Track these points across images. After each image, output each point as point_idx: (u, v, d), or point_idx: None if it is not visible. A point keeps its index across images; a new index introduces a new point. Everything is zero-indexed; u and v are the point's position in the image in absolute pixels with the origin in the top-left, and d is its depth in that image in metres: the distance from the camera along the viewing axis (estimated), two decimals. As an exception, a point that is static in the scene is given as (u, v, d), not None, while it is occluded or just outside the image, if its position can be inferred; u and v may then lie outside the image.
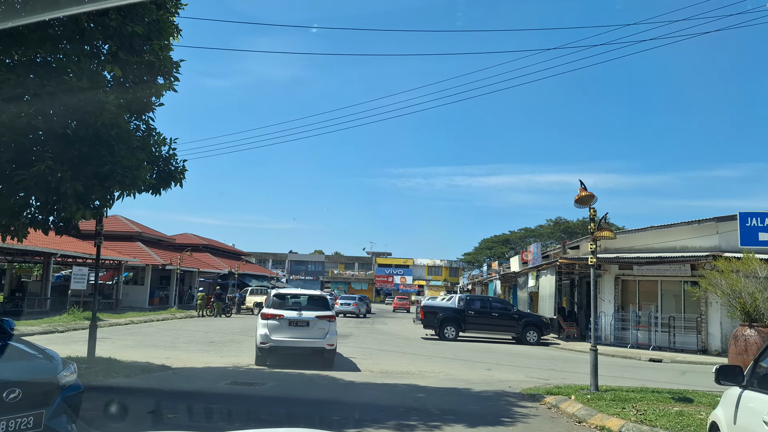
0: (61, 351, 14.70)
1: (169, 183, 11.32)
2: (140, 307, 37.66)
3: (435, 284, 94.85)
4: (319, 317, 14.15)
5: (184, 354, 15.66)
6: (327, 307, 14.91)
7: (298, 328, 14.01)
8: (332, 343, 14.17)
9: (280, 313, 14.06)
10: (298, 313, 14.19)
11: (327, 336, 14.03)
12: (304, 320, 14.05)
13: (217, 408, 8.43)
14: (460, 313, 24.23)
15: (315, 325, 14.06)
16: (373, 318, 41.98)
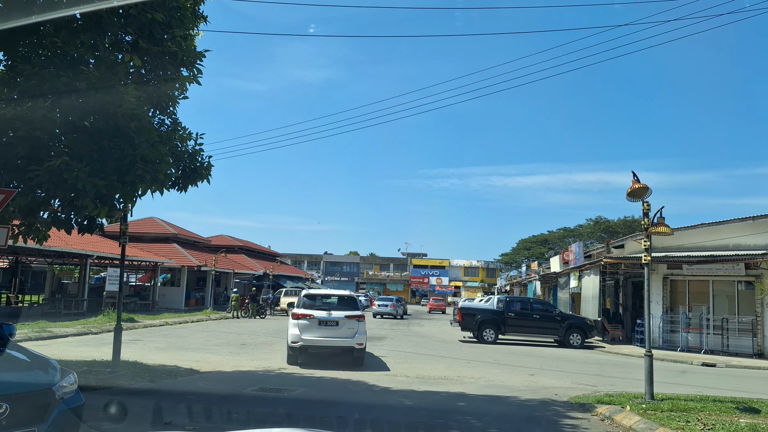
0: (91, 353, 14.44)
1: (195, 179, 10.84)
2: (176, 308, 37.73)
3: (472, 285, 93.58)
4: (348, 317, 14.39)
5: (214, 357, 15.22)
6: (356, 307, 15.10)
7: (327, 328, 14.29)
8: (361, 343, 14.37)
9: (311, 313, 14.34)
10: (328, 313, 14.46)
11: (356, 335, 14.28)
12: (334, 320, 14.33)
13: (239, 417, 7.85)
14: (499, 314, 23.34)
15: (344, 325, 14.32)
16: (408, 320, 41.26)
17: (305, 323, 14.24)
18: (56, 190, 8.10)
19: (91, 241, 30.48)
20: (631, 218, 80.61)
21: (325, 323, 14.29)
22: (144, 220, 44.04)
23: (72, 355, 14.39)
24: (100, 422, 7.22)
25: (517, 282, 58.03)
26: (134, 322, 24.96)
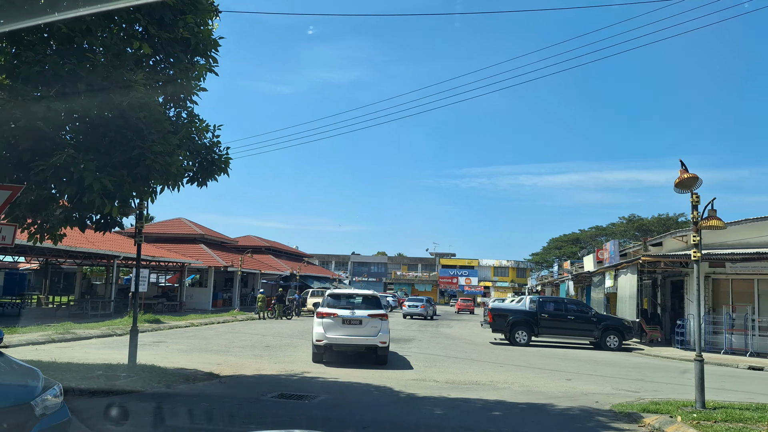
0: (112, 356, 14.07)
1: (212, 173, 10.32)
2: (203, 309, 37.60)
3: (501, 285, 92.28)
4: (371, 316, 14.72)
5: (236, 359, 14.73)
6: (379, 306, 15.45)
7: (351, 326, 14.61)
8: (385, 341, 14.67)
9: (334, 312, 14.69)
10: (351, 312, 14.79)
11: (379, 334, 14.59)
12: (357, 318, 14.67)
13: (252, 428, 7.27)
14: (532, 315, 22.47)
15: (367, 324, 14.64)
16: (437, 320, 40.50)
17: (329, 322, 14.56)
18: (62, 186, 7.64)
19: (118, 242, 30.44)
20: (665, 216, 78.56)
21: (348, 322, 14.61)
22: (171, 221, 44.11)
23: (92, 358, 14.05)
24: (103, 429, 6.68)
25: (548, 282, 56.79)
26: (160, 323, 24.72)
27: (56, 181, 7.43)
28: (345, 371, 13.47)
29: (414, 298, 43.23)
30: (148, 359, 14.03)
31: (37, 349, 15.54)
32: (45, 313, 28.47)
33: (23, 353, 14.40)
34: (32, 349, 15.31)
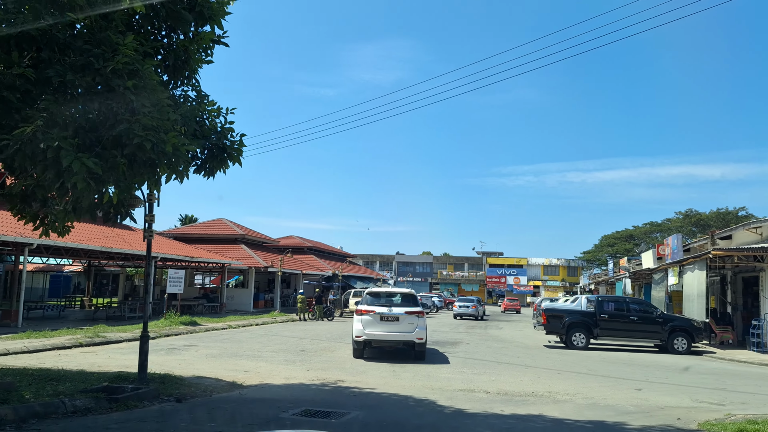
0: (135, 362, 13.07)
1: (223, 161, 9.02)
2: (244, 310, 36.85)
3: (552, 285, 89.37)
4: (408, 313, 15.23)
5: (266, 366, 13.51)
6: (416, 303, 15.86)
7: (389, 323, 15.20)
8: (421, 337, 15.13)
9: (373, 309, 15.33)
10: (389, 309, 15.37)
11: (416, 330, 15.11)
12: (394, 315, 15.23)
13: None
14: (590, 316, 20.58)
15: (404, 320, 15.18)
16: (486, 321, 38.70)
17: (368, 319, 15.24)
18: (34, 167, 6.47)
19: (156, 243, 29.82)
20: (724, 210, 74.56)
21: (386, 318, 15.22)
22: (212, 222, 43.65)
23: (113, 365, 13.07)
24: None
25: (603, 280, 54.10)
26: (196, 325, 23.87)
27: (25, 159, 6.24)
28: (384, 379, 12.08)
29: (464, 299, 42.37)
30: (172, 365, 13.01)
31: (59, 354, 14.70)
32: (84, 315, 28.08)
33: (42, 359, 13.55)
34: (54, 355, 14.47)
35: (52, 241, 21.15)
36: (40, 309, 27.23)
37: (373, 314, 15.26)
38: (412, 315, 15.25)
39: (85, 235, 24.30)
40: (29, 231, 21.66)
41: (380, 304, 15.64)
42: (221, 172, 9.13)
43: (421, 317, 15.36)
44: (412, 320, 15.20)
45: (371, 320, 15.23)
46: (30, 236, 20.45)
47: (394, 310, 15.41)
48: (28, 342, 15.82)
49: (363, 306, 15.61)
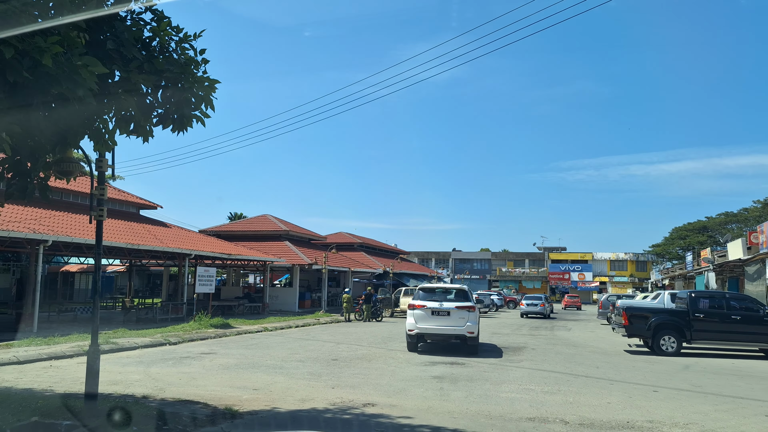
0: (131, 376, 10.74)
1: (188, 106, 6.48)
2: (289, 310, 34.71)
3: (619, 281, 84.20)
4: (458, 307, 15.62)
5: (283, 382, 10.95)
6: (467, 298, 16.16)
7: (440, 317, 15.66)
8: (472, 331, 15.49)
9: (424, 304, 15.83)
10: (440, 304, 15.85)
11: (467, 324, 15.44)
12: (445, 310, 15.67)
13: None
14: (681, 316, 17.11)
15: (455, 315, 15.57)
16: (552, 321, 35.19)
17: (420, 313, 15.75)
18: None
19: (191, 239, 27.93)
20: (806, 198, 68.24)
21: (437, 313, 15.68)
22: (257, 218, 41.86)
23: (103, 378, 10.80)
24: None
25: (679, 274, 49.45)
26: (228, 328, 21.67)
27: None
28: (426, 401, 9.31)
29: (532, 296, 40.49)
30: (169, 381, 10.66)
31: (51, 365, 12.61)
32: (118, 317, 26.43)
33: (21, 372, 11.43)
34: (43, 367, 12.37)
35: (67, 237, 19.34)
36: (72, 311, 25.74)
37: (425, 309, 15.77)
38: (463, 310, 15.60)
39: (110, 232, 22.49)
40: (45, 227, 19.99)
41: (432, 299, 16.12)
42: (189, 126, 6.63)
43: (472, 312, 15.64)
44: (463, 315, 15.55)
45: (423, 315, 15.75)
46: (45, 232, 18.65)
47: (444, 304, 15.85)
48: (25, 351, 13.84)
49: (415, 301, 16.20)
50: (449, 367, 13.25)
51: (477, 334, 15.77)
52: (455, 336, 15.71)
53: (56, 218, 20.92)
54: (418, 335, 15.83)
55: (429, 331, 15.69)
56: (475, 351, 15.82)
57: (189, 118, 6.59)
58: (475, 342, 15.74)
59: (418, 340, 16.04)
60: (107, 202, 26.18)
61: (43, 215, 20.50)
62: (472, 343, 15.68)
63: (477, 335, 15.78)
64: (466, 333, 15.44)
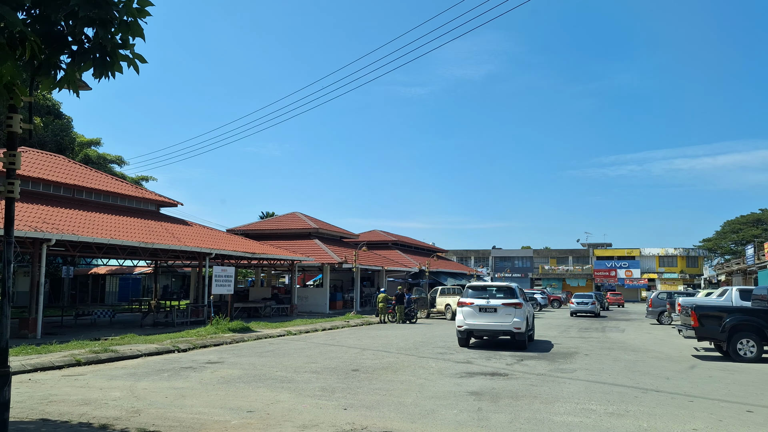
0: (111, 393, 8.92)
1: (107, 51, 4.68)
2: (320, 312, 33.00)
3: (669, 277, 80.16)
4: (505, 304, 16.16)
5: (287, 400, 9.09)
6: (514, 296, 16.56)
7: (487, 314, 16.31)
8: (519, 327, 15.95)
9: (472, 301, 16.58)
10: (487, 301, 16.46)
11: (514, 320, 15.95)
12: (492, 306, 16.28)
13: None
14: (762, 315, 14.55)
15: (502, 311, 16.13)
16: (602, 322, 32.57)
17: (469, 310, 16.57)
18: None
19: (212, 238, 26.44)
20: None
21: (484, 310, 16.39)
22: (286, 216, 40.37)
23: (77, 397, 9.19)
24: None
25: (737, 269, 45.96)
26: (248, 332, 20.02)
27: None
28: (460, 427, 7.31)
29: (582, 295, 39.53)
30: (150, 401, 8.94)
31: (30, 378, 11.03)
32: (134, 320, 25.12)
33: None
34: (22, 380, 10.79)
35: (73, 236, 17.92)
36: (89, 315, 24.51)
37: (473, 306, 16.55)
38: (510, 306, 16.16)
39: (124, 230, 21.08)
40: (49, 226, 18.65)
41: (480, 297, 16.79)
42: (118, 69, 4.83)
43: (518, 309, 16.18)
44: (510, 311, 16.12)
45: (471, 311, 16.55)
46: (46, 230, 17.28)
47: (492, 302, 16.47)
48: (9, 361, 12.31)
49: (464, 299, 17.00)
50: (489, 380, 11.19)
51: (524, 330, 16.20)
52: (502, 331, 16.34)
53: (62, 216, 19.58)
54: (467, 331, 16.64)
55: (477, 327, 16.42)
56: (524, 346, 16.53)
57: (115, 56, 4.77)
58: (522, 337, 16.25)
59: (468, 335, 16.88)
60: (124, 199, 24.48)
61: (49, 213, 19.19)
62: (519, 338, 16.31)
63: (524, 331, 16.20)
64: (513, 328, 16.01)
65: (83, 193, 22.91)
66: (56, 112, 35.94)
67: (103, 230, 19.90)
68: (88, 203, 22.82)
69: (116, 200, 24.53)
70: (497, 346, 17.28)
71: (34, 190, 20.85)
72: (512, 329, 16.00)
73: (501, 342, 17.88)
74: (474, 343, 17.62)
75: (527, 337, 16.90)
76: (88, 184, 23.10)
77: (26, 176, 20.39)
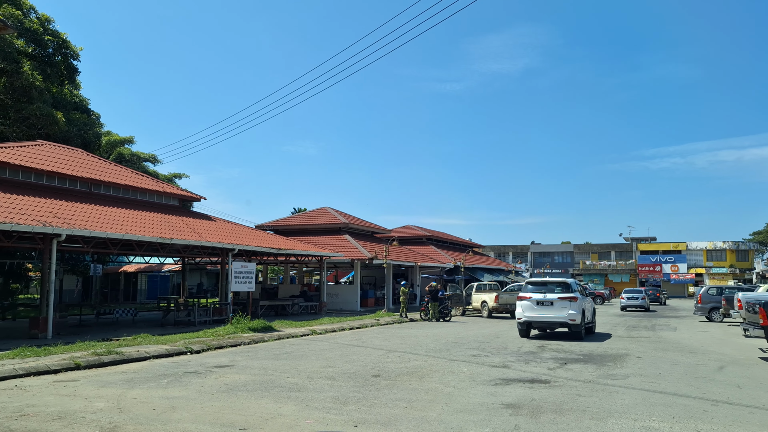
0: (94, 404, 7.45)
1: None
2: (351, 310, 31.81)
3: (718, 272, 76.57)
4: (561, 298, 17.62)
5: (292, 413, 7.81)
6: (569, 290, 17.86)
7: (544, 307, 17.78)
8: (574, 319, 17.34)
9: (530, 296, 18.03)
10: (544, 295, 17.88)
11: (569, 312, 17.38)
12: (549, 300, 17.73)
13: None
14: None
15: (558, 304, 17.60)
16: (652, 320, 30.48)
17: (527, 304, 17.87)
18: None
19: (235, 233, 25.44)
20: None
21: (542, 303, 17.70)
22: (315, 211, 39.27)
23: (55, 408, 8.11)
24: None
25: (796, 263, 43.00)
26: (269, 332, 18.92)
27: None
28: None
29: (632, 290, 41.04)
30: (136, 413, 7.81)
31: (17, 386, 10.02)
32: (154, 319, 24.31)
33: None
34: (6, 387, 9.79)
35: (85, 231, 17.04)
36: (111, 313, 23.77)
37: (531, 299, 17.85)
38: (565, 300, 17.47)
39: (140, 225, 20.18)
40: (60, 221, 17.82)
41: (537, 291, 18.09)
42: None
43: (574, 302, 17.44)
44: (565, 304, 17.41)
45: (529, 305, 17.84)
46: (56, 225, 16.41)
47: (548, 296, 17.73)
48: (2, 365, 11.38)
49: (523, 293, 18.29)
50: (528, 388, 9.69)
51: (580, 322, 17.36)
52: (559, 323, 17.57)
53: (76, 210, 18.75)
54: (526, 323, 17.96)
55: (535, 319, 17.76)
56: (579, 337, 17.65)
57: None
58: (578, 329, 17.44)
59: (527, 327, 18.14)
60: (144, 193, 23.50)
61: (61, 207, 18.38)
62: (575, 330, 17.53)
63: (580, 323, 17.36)
64: (569, 320, 17.28)
65: (101, 187, 22.12)
66: (84, 108, 35.56)
67: (118, 225, 19.00)
68: (106, 198, 22.03)
69: (136, 195, 23.70)
70: (554, 337, 18.46)
71: (48, 185, 20.11)
72: (567, 321, 17.25)
73: (558, 333, 18.99)
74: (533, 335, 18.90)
75: (585, 329, 18.15)
76: (106, 178, 22.31)
77: (39, 169, 19.66)
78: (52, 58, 30.77)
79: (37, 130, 27.81)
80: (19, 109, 27.32)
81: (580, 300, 17.64)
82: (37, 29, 29.61)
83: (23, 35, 28.58)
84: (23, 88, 26.91)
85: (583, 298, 18.46)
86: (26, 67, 26.79)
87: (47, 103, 28.45)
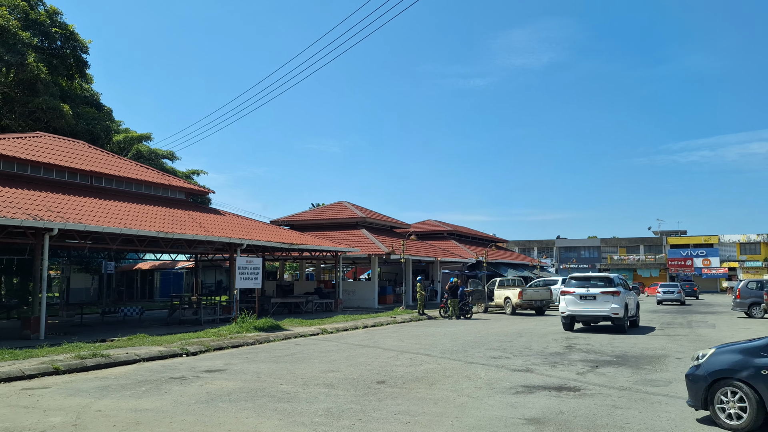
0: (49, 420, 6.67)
1: None
2: (368, 307, 30.58)
3: (752, 266, 73.73)
4: (603, 292, 17.92)
5: (278, 429, 6.57)
6: (611, 285, 18.16)
7: (586, 301, 18.16)
8: (617, 312, 17.67)
9: (573, 290, 18.48)
10: (587, 290, 18.26)
11: (611, 306, 17.69)
12: (591, 295, 18.09)
13: None
14: None
15: (600, 298, 17.91)
16: (687, 315, 28.70)
17: (570, 298, 18.48)
18: None
19: (244, 228, 24.36)
20: None
21: (584, 297, 18.22)
22: (332, 205, 38.12)
23: (5, 423, 7.03)
24: None
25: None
26: (276, 331, 17.79)
27: None
28: None
29: (668, 284, 41.94)
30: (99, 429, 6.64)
31: (-19, 392, 8.95)
32: (160, 318, 23.36)
33: None
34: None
35: (77, 224, 16.04)
36: (117, 312, 22.88)
37: (574, 294, 18.29)
38: (608, 294, 17.77)
39: (143, 219, 19.19)
40: (53, 214, 16.86)
41: (580, 286, 18.45)
42: None
43: (616, 296, 17.69)
44: (607, 298, 17.72)
45: (573, 299, 18.30)
46: (48, 218, 15.44)
47: (591, 290, 18.08)
48: (-26, 368, 10.37)
49: (566, 288, 18.78)
50: (554, 398, 8.33)
51: (623, 315, 17.73)
52: (602, 317, 17.97)
53: (73, 204, 17.80)
54: (570, 317, 18.45)
55: (578, 313, 18.23)
56: (622, 330, 18.04)
57: None
58: (621, 322, 17.81)
59: (571, 321, 18.61)
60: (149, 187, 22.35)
61: (57, 201, 17.43)
62: (618, 323, 17.90)
63: (623, 316, 17.73)
64: (611, 314, 17.66)
65: (102, 180, 21.17)
66: (95, 102, 34.85)
67: (117, 219, 18.01)
68: (108, 191, 21.08)
69: (140, 188, 22.73)
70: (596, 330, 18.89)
71: (45, 177, 19.20)
72: (610, 314, 17.62)
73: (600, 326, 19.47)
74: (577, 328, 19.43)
75: (628, 322, 18.50)
76: (108, 171, 21.36)
77: (36, 161, 18.76)
78: (61, 51, 30.05)
79: (43, 124, 27.08)
80: (24, 103, 26.60)
81: (622, 294, 17.96)
82: (44, 21, 28.89)
83: (30, 27, 27.85)
84: (28, 81, 26.17)
85: (626, 292, 18.77)
86: (31, 59, 26.03)
87: (54, 96, 27.69)
